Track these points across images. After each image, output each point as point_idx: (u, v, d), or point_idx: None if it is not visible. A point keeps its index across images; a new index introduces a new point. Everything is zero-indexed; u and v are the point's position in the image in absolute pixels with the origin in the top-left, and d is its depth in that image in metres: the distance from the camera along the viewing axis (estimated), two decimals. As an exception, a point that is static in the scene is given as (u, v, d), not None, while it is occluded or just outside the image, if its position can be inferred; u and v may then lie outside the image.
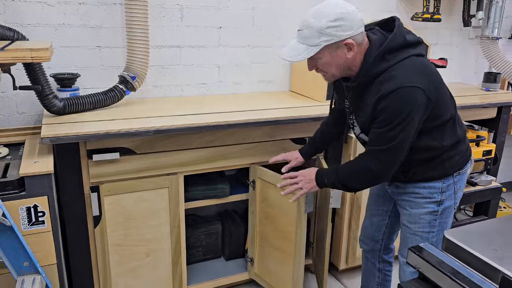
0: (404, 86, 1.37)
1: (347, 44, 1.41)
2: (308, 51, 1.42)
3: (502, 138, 2.84)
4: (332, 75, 1.51)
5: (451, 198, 1.61)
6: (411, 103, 1.38)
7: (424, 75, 1.41)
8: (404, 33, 1.44)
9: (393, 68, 1.41)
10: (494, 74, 2.96)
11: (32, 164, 1.61)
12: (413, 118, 1.39)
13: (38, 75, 1.81)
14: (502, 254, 1.07)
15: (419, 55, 1.45)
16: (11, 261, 1.49)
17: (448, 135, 1.54)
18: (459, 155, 1.59)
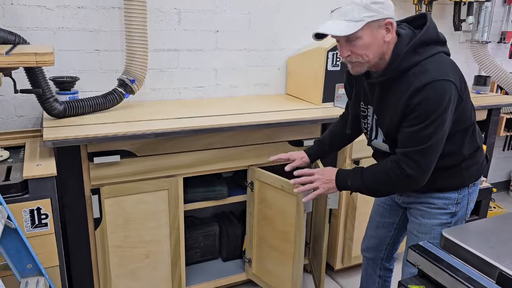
0: (440, 79, 1.31)
1: (387, 24, 1.35)
2: (352, 26, 1.33)
3: (492, 139, 2.91)
4: (367, 62, 1.40)
5: (464, 209, 1.57)
6: (447, 97, 1.31)
7: (456, 72, 1.38)
8: (437, 29, 1.42)
9: (425, 62, 1.35)
10: (484, 78, 3.03)
11: (34, 167, 1.63)
12: (448, 115, 1.33)
13: (39, 79, 1.82)
14: (498, 252, 1.12)
15: (447, 53, 1.44)
16: (15, 263, 1.50)
17: (469, 142, 1.50)
18: (476, 165, 1.55)
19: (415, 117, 1.34)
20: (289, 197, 2.04)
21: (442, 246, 1.20)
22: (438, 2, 2.93)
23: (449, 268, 1.10)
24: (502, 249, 1.13)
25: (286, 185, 2.04)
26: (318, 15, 2.67)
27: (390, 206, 1.79)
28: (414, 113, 1.34)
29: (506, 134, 3.45)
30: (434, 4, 2.90)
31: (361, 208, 2.44)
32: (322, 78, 2.37)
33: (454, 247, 1.16)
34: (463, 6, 3.03)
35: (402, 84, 1.37)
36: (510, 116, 3.36)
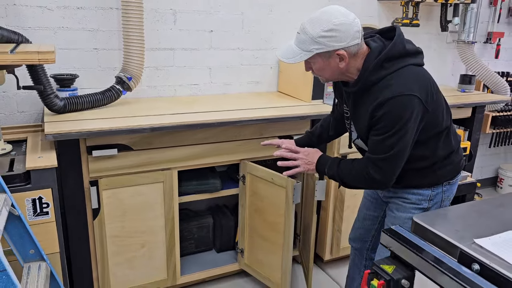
0: (402, 94, 1.39)
1: (338, 55, 1.44)
2: (301, 55, 1.47)
3: (477, 136, 3.02)
4: (327, 79, 1.56)
5: (437, 206, 1.64)
6: (409, 111, 1.39)
7: (422, 85, 1.43)
8: (404, 42, 1.47)
9: (391, 76, 1.43)
10: (469, 76, 3.14)
11: (36, 159, 1.73)
12: (410, 127, 1.41)
13: (40, 76, 1.92)
14: (461, 234, 1.23)
15: (418, 64, 1.49)
16: (18, 249, 1.60)
17: (442, 146, 1.56)
18: (451, 165, 1.62)
19: (380, 128, 1.44)
20: (279, 189, 2.15)
21: (413, 230, 1.30)
22: (425, 4, 3.03)
23: (416, 249, 1.20)
24: (466, 232, 1.23)
25: (276, 178, 2.15)
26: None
27: (376, 200, 1.90)
28: (379, 124, 1.44)
29: (492, 131, 3.55)
30: (421, 6, 3.01)
31: (349, 201, 2.54)
32: (312, 76, 2.48)
33: (423, 230, 1.26)
34: (450, 7, 3.14)
35: (370, 96, 1.47)
36: (496, 114, 3.47)
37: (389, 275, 1.23)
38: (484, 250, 1.15)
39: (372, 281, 1.26)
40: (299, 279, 2.58)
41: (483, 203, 1.50)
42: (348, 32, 1.42)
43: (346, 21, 1.43)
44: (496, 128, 3.55)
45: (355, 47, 1.45)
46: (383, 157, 1.46)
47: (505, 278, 1.04)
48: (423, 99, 1.41)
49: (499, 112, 3.47)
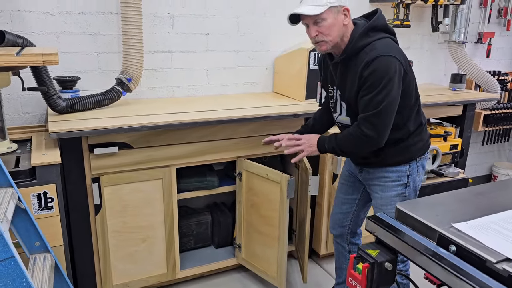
0: (385, 55, 1.60)
1: (345, 10, 1.68)
2: (317, 9, 1.64)
3: (468, 133, 3.10)
4: (332, 40, 1.69)
5: (415, 180, 1.83)
6: (392, 69, 1.59)
7: (401, 53, 1.67)
8: (385, 20, 1.73)
9: (375, 43, 1.65)
10: (460, 75, 3.22)
11: (41, 156, 1.81)
12: (395, 83, 1.60)
13: (44, 78, 2.01)
14: (441, 219, 1.30)
15: (394, 40, 1.73)
16: (24, 241, 1.68)
17: (414, 118, 1.77)
18: (422, 141, 1.82)
19: (368, 86, 1.63)
20: (273, 185, 2.23)
21: (396, 217, 1.38)
22: (416, 5, 3.12)
23: (398, 233, 1.28)
24: (445, 217, 1.31)
25: (271, 174, 2.23)
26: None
27: (353, 183, 2.03)
28: (367, 83, 1.63)
29: (484, 129, 3.63)
30: (412, 7, 3.09)
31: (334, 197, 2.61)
32: (305, 77, 2.57)
33: (405, 216, 1.34)
34: (440, 8, 3.23)
35: (357, 61, 1.67)
36: (488, 112, 3.55)
37: (374, 258, 1.30)
38: (461, 233, 1.23)
39: (357, 265, 1.33)
40: (295, 274, 2.65)
41: (464, 192, 1.58)
42: None
43: None
44: (488, 126, 3.63)
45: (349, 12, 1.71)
46: (374, 113, 1.62)
47: (479, 257, 1.12)
48: (403, 63, 1.63)
49: (491, 110, 3.55)
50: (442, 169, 2.94)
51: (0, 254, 1.26)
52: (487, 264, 1.09)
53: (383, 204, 1.85)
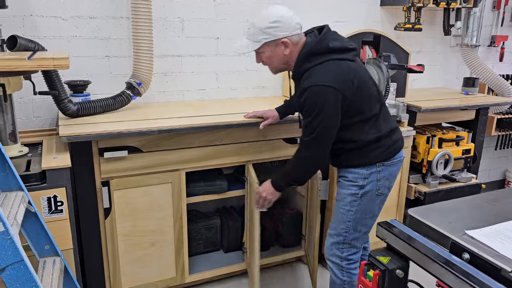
0: (318, 84, 1.65)
1: (283, 43, 1.74)
2: (252, 46, 1.76)
3: (481, 138, 3.05)
4: (275, 68, 1.85)
5: (373, 184, 1.83)
6: (323, 98, 1.65)
7: (340, 76, 1.68)
8: (328, 41, 1.72)
9: (313, 69, 1.70)
10: (472, 79, 3.18)
11: (52, 159, 1.82)
12: (328, 111, 1.67)
13: (55, 82, 2.03)
14: (454, 226, 1.28)
15: (343, 59, 1.71)
16: (34, 244, 1.69)
17: (369, 131, 1.77)
18: (382, 148, 1.81)
19: (305, 111, 1.73)
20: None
21: (408, 223, 1.36)
22: (428, 9, 3.10)
23: (409, 240, 1.26)
24: (458, 224, 1.28)
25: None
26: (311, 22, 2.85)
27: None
28: (303, 108, 1.73)
29: (497, 133, 3.57)
30: (424, 11, 3.06)
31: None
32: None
33: (417, 223, 1.32)
34: (452, 12, 3.20)
35: (300, 84, 1.75)
36: (501, 116, 3.49)
37: (384, 265, 1.28)
38: (474, 241, 1.20)
39: (368, 272, 1.31)
40: (304, 279, 2.63)
41: (477, 198, 1.55)
42: (290, 23, 1.73)
43: (287, 14, 1.74)
44: (501, 130, 3.58)
45: (296, 37, 1.76)
46: (310, 138, 1.72)
47: (493, 266, 1.10)
48: (339, 88, 1.66)
49: (505, 115, 3.49)
50: (455, 174, 2.90)
51: (10, 257, 1.27)
52: (502, 273, 1.06)
53: (338, 200, 1.91)
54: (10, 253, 1.27)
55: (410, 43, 3.21)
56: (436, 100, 2.92)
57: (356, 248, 1.91)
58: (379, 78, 2.52)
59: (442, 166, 2.79)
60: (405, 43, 2.93)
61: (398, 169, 1.89)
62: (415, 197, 2.81)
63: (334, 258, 1.93)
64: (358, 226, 1.87)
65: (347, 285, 1.93)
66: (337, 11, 2.95)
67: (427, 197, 2.76)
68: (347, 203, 1.86)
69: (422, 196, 2.77)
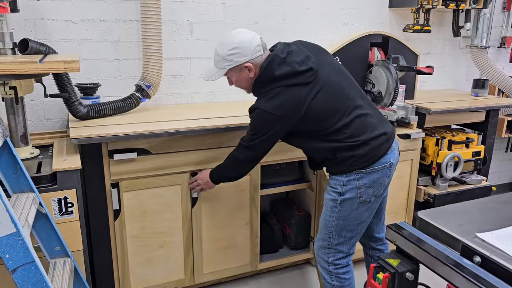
0: (259, 109, 1.75)
1: (246, 67, 1.78)
2: (218, 73, 1.84)
3: (491, 140, 3.03)
4: (246, 89, 1.90)
5: (353, 192, 1.81)
6: (261, 123, 1.77)
7: (281, 104, 1.72)
8: (273, 70, 1.74)
9: (262, 95, 1.78)
10: (482, 81, 3.15)
11: (62, 161, 1.84)
12: (264, 133, 1.77)
13: (65, 85, 2.05)
14: (465, 229, 1.27)
15: (291, 85, 1.73)
16: (45, 245, 1.71)
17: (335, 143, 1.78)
18: (356, 156, 1.78)
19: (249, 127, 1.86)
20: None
21: (418, 226, 1.35)
22: (437, 10, 3.08)
23: (419, 243, 1.25)
24: (469, 227, 1.27)
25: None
26: (319, 24, 2.86)
27: None
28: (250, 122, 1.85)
29: (508, 135, 3.54)
30: (433, 12, 3.05)
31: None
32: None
33: (427, 225, 1.31)
34: (461, 13, 3.18)
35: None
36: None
37: (394, 268, 1.28)
38: (486, 244, 1.19)
39: (378, 275, 1.31)
40: (313, 281, 2.62)
41: (488, 201, 1.53)
42: (249, 47, 1.76)
43: (246, 39, 1.77)
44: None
45: (259, 58, 1.79)
46: (246, 145, 1.85)
47: (505, 269, 1.09)
48: (280, 115, 1.73)
49: (515, 117, 3.46)
50: (464, 177, 2.88)
51: (21, 258, 1.28)
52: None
53: (324, 205, 1.93)
54: (21, 254, 1.29)
55: (419, 44, 3.19)
56: (446, 102, 2.90)
57: (342, 253, 1.90)
58: (387, 80, 2.51)
59: (451, 168, 2.77)
60: (414, 44, 2.92)
61: (384, 176, 1.83)
62: (425, 199, 2.80)
63: (322, 263, 1.94)
64: (342, 232, 1.86)
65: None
66: (345, 13, 2.95)
67: (437, 199, 2.74)
68: (328, 209, 1.88)
69: (431, 198, 2.75)
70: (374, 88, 2.61)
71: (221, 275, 2.50)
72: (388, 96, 2.52)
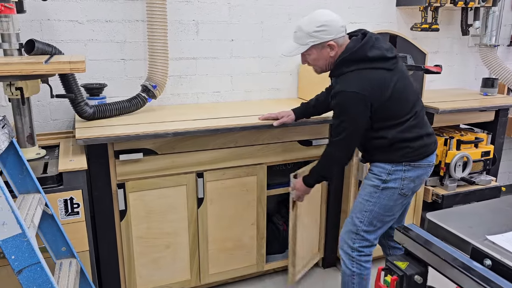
0: (346, 91, 1.74)
1: (329, 45, 1.81)
2: (299, 49, 1.85)
3: (501, 139, 2.98)
4: (320, 68, 1.91)
5: (397, 182, 1.85)
6: (352, 105, 1.75)
7: (371, 85, 1.74)
8: (366, 50, 1.76)
9: (347, 75, 1.78)
10: (491, 80, 3.11)
11: (68, 162, 1.84)
12: (353, 117, 1.76)
13: (71, 85, 2.05)
14: (475, 231, 1.25)
15: (379, 68, 1.77)
16: (51, 246, 1.71)
17: (401, 132, 1.81)
18: (410, 148, 1.83)
19: (334, 114, 1.84)
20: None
21: (426, 228, 1.33)
22: (445, 8, 3.04)
23: (428, 245, 1.23)
24: (479, 229, 1.25)
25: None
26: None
27: None
28: (334, 110, 1.84)
29: (518, 135, 3.49)
30: (441, 10, 3.01)
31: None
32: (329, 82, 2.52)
33: (435, 227, 1.29)
34: (470, 11, 3.14)
35: (334, 84, 1.87)
36: (522, 117, 3.41)
37: (402, 271, 1.26)
38: (496, 246, 1.17)
39: (385, 277, 1.29)
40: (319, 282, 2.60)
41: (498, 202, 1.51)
42: (336, 26, 1.80)
43: (333, 18, 1.81)
44: (522, 132, 3.48)
45: (341, 39, 1.83)
46: (338, 139, 1.81)
47: (517, 273, 1.06)
48: (368, 96, 1.73)
49: (525, 116, 3.40)
50: (473, 177, 2.84)
51: (27, 260, 1.28)
52: (526, 280, 1.03)
53: (362, 188, 1.96)
54: (27, 255, 1.29)
55: (427, 43, 3.15)
56: (454, 101, 2.86)
57: (368, 242, 1.92)
58: (395, 79, 2.48)
59: (460, 168, 2.74)
60: (421, 43, 2.89)
61: (426, 174, 1.91)
62: (433, 200, 2.76)
63: (346, 248, 1.95)
64: (374, 220, 1.89)
65: (356, 277, 1.94)
66: (353, 12, 2.93)
67: (445, 200, 2.70)
68: (367, 193, 1.90)
69: (439, 199, 2.72)
70: (382, 88, 2.58)
71: (227, 276, 2.48)
72: (395, 96, 2.49)
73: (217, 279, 2.45)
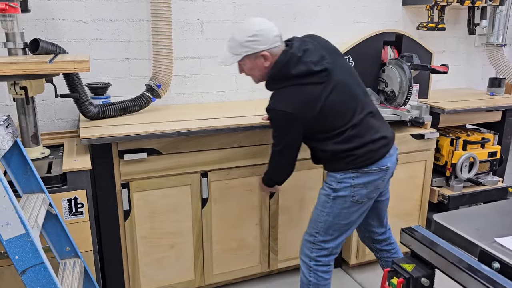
0: (275, 109, 1.76)
1: (263, 56, 1.77)
2: (233, 58, 1.83)
3: (508, 140, 2.96)
4: (257, 78, 1.89)
5: (347, 190, 1.82)
6: (279, 123, 1.79)
7: (299, 102, 1.73)
8: (289, 68, 1.74)
9: (276, 92, 1.79)
10: (498, 80, 3.08)
11: (72, 161, 1.84)
12: (285, 132, 1.79)
13: (76, 85, 2.05)
14: (482, 233, 1.23)
15: (306, 83, 1.74)
16: (55, 246, 1.71)
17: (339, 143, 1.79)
18: (354, 155, 1.79)
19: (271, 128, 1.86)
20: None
21: (433, 229, 1.31)
22: (452, 7, 3.02)
23: (435, 247, 1.21)
24: (487, 231, 1.23)
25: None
26: (330, 23, 2.82)
27: None
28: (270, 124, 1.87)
29: (525, 136, 3.45)
30: (447, 9, 2.99)
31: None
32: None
33: (442, 229, 1.27)
34: (477, 10, 3.11)
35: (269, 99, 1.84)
36: (529, 117, 3.37)
37: (409, 273, 1.24)
38: (505, 249, 1.15)
39: (392, 279, 1.27)
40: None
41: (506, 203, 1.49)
42: (268, 36, 1.76)
43: (266, 27, 1.77)
44: (529, 132, 3.45)
45: (276, 49, 1.78)
46: (277, 149, 1.88)
47: (525, 276, 1.05)
48: (295, 113, 1.72)
49: (532, 116, 3.37)
50: (480, 178, 2.82)
51: (30, 260, 1.28)
52: (535, 284, 1.01)
53: (317, 198, 1.94)
54: (30, 256, 1.28)
55: (433, 43, 3.13)
56: (460, 101, 2.84)
57: (326, 250, 1.90)
58: (401, 79, 2.46)
59: (466, 169, 2.72)
60: (428, 43, 2.86)
61: (380, 178, 1.84)
62: (439, 200, 2.74)
63: (303, 257, 1.94)
64: (329, 230, 1.87)
65: (312, 286, 1.92)
66: (358, 11, 2.91)
67: (451, 201, 2.68)
68: (320, 203, 1.90)
69: (445, 200, 2.70)
70: (387, 88, 2.56)
71: (231, 276, 2.47)
72: (401, 96, 2.47)
73: (221, 279, 2.44)
